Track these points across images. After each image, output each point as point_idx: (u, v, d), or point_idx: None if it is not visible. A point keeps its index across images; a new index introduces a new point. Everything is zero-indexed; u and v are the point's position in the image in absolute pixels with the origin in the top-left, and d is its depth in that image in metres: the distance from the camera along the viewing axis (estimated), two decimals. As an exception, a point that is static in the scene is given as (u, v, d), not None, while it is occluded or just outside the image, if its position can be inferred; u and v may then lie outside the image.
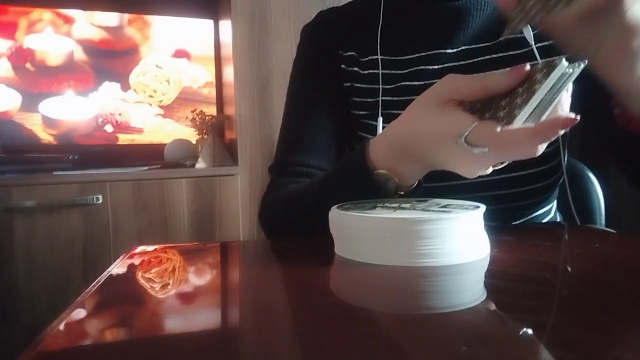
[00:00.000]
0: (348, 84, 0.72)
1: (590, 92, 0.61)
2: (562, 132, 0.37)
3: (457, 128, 0.41)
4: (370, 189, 0.50)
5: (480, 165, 0.43)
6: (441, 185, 0.63)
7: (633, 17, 0.39)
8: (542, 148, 0.39)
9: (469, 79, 0.42)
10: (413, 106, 0.47)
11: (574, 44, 0.43)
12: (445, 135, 0.42)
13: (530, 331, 0.26)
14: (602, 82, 0.46)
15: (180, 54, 1.81)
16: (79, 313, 0.31)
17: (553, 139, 0.37)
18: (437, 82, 0.44)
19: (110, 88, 1.73)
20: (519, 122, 0.38)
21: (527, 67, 0.39)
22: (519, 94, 0.39)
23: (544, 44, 0.54)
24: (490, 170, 0.44)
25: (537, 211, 0.70)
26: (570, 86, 0.39)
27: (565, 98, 0.40)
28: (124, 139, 1.75)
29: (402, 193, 0.51)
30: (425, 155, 0.46)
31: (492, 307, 0.30)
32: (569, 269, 0.41)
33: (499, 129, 0.38)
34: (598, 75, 0.46)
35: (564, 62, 0.37)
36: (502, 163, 0.44)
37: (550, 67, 0.38)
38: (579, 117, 0.37)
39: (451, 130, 0.41)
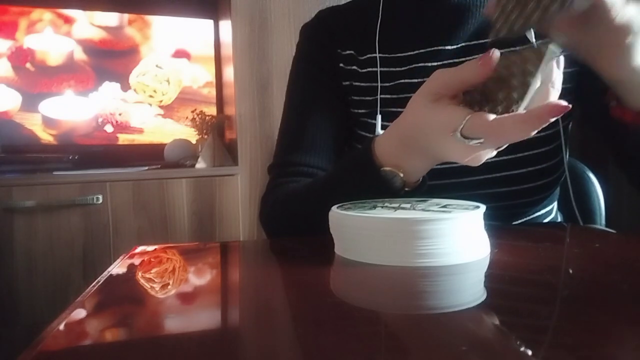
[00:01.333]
0: (347, 83, 0.72)
1: (586, 87, 0.62)
2: (552, 119, 0.38)
3: (451, 123, 0.42)
4: (377, 186, 0.51)
5: (480, 154, 0.44)
6: (441, 183, 0.63)
7: (624, 18, 0.41)
8: (535, 130, 0.40)
9: (451, 73, 0.43)
10: (411, 104, 0.48)
11: (568, 40, 0.44)
12: (442, 131, 0.43)
13: (530, 332, 0.26)
14: (596, 75, 0.48)
15: (180, 54, 1.81)
16: (79, 313, 0.31)
17: (544, 126, 0.38)
18: (428, 80, 0.45)
19: (110, 88, 1.73)
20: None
21: (497, 54, 0.40)
22: (513, 88, 0.40)
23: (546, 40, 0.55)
24: (494, 153, 0.45)
25: (538, 211, 0.70)
26: (561, 63, 0.41)
27: (557, 78, 0.41)
28: (124, 139, 1.75)
29: (407, 190, 0.52)
30: (429, 148, 0.47)
31: (492, 307, 0.30)
32: (569, 269, 0.41)
33: (491, 118, 0.40)
34: (592, 69, 0.48)
35: (554, 48, 0.38)
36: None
37: (539, 54, 0.38)
38: (570, 106, 0.38)
39: (446, 125, 0.43)
